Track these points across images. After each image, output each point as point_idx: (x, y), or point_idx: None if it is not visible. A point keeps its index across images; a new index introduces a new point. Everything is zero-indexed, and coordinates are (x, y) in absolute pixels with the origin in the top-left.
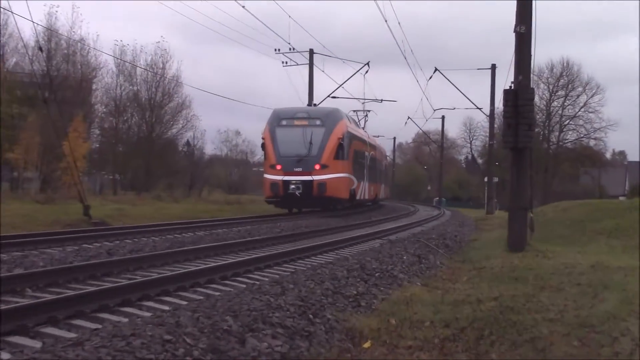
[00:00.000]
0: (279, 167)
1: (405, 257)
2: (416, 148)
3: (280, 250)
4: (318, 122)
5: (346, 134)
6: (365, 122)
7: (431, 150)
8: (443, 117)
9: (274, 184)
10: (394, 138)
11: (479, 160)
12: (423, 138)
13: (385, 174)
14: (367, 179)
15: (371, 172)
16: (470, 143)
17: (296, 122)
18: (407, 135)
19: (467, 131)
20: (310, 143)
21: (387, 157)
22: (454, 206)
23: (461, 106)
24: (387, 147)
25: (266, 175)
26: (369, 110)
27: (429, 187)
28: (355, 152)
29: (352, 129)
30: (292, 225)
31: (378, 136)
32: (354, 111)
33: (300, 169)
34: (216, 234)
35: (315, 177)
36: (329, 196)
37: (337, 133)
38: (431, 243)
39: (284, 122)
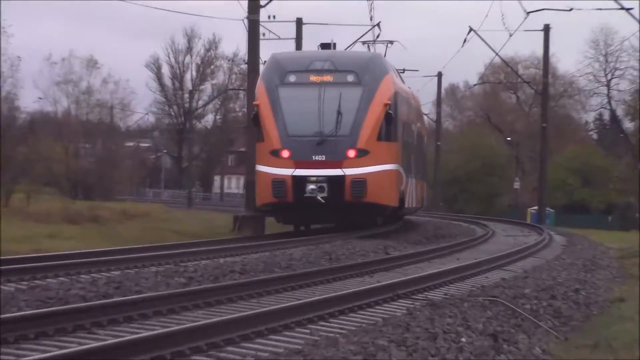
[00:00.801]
0: (286, 153)
1: (464, 339)
2: (487, 97)
3: (179, 327)
4: (351, 78)
5: (395, 97)
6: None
7: (520, 100)
8: (547, 29)
9: (278, 182)
10: (439, 75)
11: (627, 123)
12: (503, 74)
13: (425, 158)
14: (414, 171)
15: (417, 160)
16: (608, 85)
17: (313, 78)
18: (466, 70)
19: (601, 58)
20: (339, 113)
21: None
22: (573, 225)
23: (585, 5)
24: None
25: (262, 168)
26: (391, 42)
27: (516, 184)
28: (404, 126)
29: (399, 87)
30: (211, 269)
31: (404, 70)
32: (363, 43)
33: (322, 157)
34: (43, 289)
35: (349, 171)
36: (369, 202)
37: (383, 96)
38: (522, 306)
39: (292, 78)
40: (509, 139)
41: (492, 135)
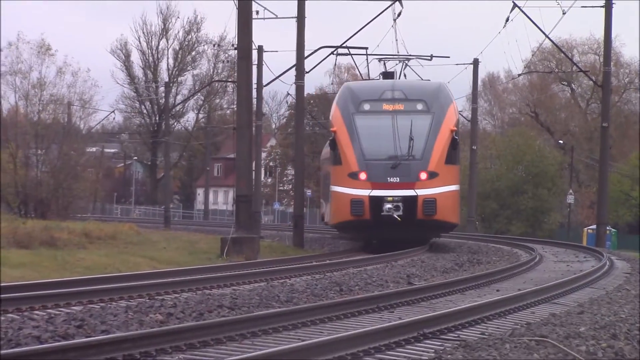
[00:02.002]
0: (363, 175)
1: None
2: (534, 90)
3: None
4: (420, 106)
5: (458, 124)
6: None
7: (576, 94)
8: (608, 5)
9: (356, 201)
10: (475, 62)
11: None
12: (554, 61)
13: None
14: None
15: None
16: None
17: (386, 107)
18: (509, 57)
19: None
20: (411, 139)
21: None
22: None
23: None
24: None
25: (340, 189)
26: (407, 58)
27: (570, 198)
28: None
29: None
30: (194, 304)
31: (431, 57)
32: (379, 60)
33: (396, 179)
34: None
35: (421, 191)
36: (438, 220)
37: (449, 123)
38: (576, 348)
39: (366, 107)
40: (561, 142)
41: (541, 137)
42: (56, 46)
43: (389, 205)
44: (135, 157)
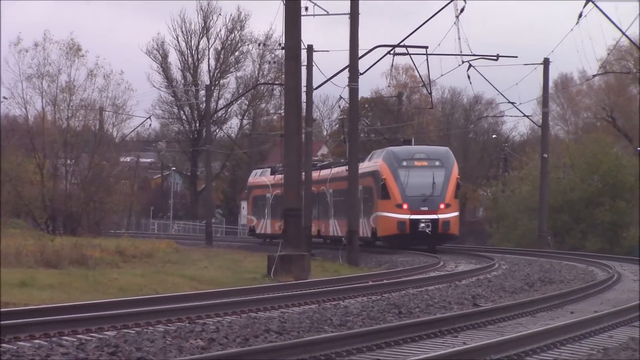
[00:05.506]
0: (405, 206)
1: None
2: (611, 92)
3: None
4: (437, 163)
5: (459, 173)
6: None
7: None
8: None
9: (401, 222)
10: (545, 62)
11: None
12: (632, 60)
13: None
14: None
15: None
16: None
17: (416, 163)
18: (582, 56)
19: None
20: (434, 183)
21: None
22: None
23: None
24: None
25: (388, 214)
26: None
27: None
28: None
29: None
30: (238, 328)
31: (497, 57)
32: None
33: (426, 208)
34: (13, 355)
35: (441, 216)
36: (450, 233)
37: (455, 173)
38: None
39: (404, 163)
40: None
41: (618, 144)
42: (86, 46)
43: (422, 225)
44: (174, 168)
